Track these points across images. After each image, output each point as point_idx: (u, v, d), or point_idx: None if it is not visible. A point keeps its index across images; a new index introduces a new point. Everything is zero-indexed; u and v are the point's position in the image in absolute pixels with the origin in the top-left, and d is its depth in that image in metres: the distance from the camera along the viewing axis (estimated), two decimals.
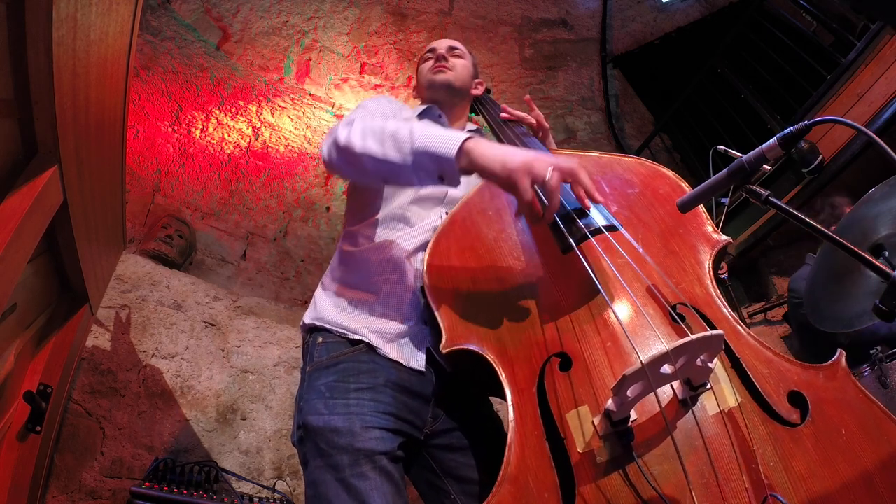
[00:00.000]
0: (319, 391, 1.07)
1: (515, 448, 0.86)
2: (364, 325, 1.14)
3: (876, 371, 1.94)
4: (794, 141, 0.88)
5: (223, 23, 4.29)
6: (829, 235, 0.82)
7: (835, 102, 3.34)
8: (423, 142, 1.00)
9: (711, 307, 0.96)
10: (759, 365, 0.89)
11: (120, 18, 1.38)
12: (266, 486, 2.60)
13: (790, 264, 3.71)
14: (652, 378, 0.78)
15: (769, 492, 0.74)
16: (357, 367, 1.09)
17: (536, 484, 0.82)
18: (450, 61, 1.51)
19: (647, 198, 1.16)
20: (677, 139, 4.97)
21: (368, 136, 1.08)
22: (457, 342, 0.99)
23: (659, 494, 0.76)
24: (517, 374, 0.94)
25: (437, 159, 0.98)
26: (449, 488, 1.10)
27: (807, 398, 0.84)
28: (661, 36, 5.21)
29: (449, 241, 1.15)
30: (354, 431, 0.99)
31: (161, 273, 3.17)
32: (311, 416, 1.04)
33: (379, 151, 1.05)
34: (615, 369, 0.88)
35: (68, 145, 1.20)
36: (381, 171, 1.07)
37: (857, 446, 0.78)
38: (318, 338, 1.16)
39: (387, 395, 1.07)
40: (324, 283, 1.28)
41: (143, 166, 3.75)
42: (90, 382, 2.56)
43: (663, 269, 1.01)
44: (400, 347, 1.13)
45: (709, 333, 0.79)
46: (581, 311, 0.98)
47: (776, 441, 0.80)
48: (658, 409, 0.83)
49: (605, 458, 0.82)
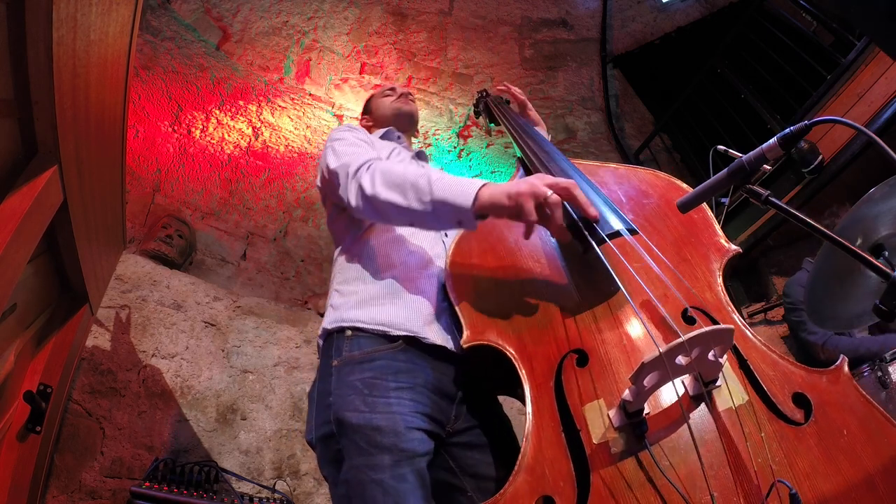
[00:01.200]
0: (355, 387, 1.05)
1: (532, 439, 0.90)
2: (401, 313, 1.16)
3: (876, 371, 1.95)
4: (794, 141, 0.89)
5: (223, 23, 4.29)
6: (829, 235, 0.83)
7: (835, 102, 3.33)
8: (441, 193, 1.07)
9: (721, 312, 1.01)
10: (765, 366, 0.93)
11: (120, 19, 1.38)
12: (266, 486, 2.60)
13: (790, 264, 3.71)
14: (669, 367, 0.82)
15: (776, 478, 0.78)
16: (395, 365, 1.09)
17: (552, 473, 0.86)
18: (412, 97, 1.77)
19: (662, 208, 1.23)
20: (677, 139, 4.97)
21: (391, 186, 1.14)
22: (478, 337, 1.04)
23: (670, 482, 0.79)
24: (535, 369, 0.98)
25: (456, 209, 1.05)
26: (466, 486, 1.11)
27: (810, 399, 0.87)
28: (661, 36, 5.21)
29: (470, 243, 1.22)
30: (399, 431, 0.99)
31: (161, 273, 3.17)
32: (348, 413, 1.01)
33: (403, 202, 1.11)
34: (631, 365, 0.92)
35: (68, 145, 1.20)
36: (404, 218, 1.14)
37: (858, 447, 0.81)
38: (347, 331, 1.14)
39: (425, 395, 1.08)
40: (338, 290, 1.27)
41: (143, 166, 3.75)
42: (90, 382, 2.56)
43: (675, 275, 1.05)
44: (437, 330, 1.16)
45: (721, 326, 0.84)
46: (598, 309, 1.03)
47: (781, 438, 0.84)
48: (670, 403, 0.88)
49: (620, 448, 0.86)
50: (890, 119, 2.89)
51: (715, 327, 0.83)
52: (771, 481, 0.78)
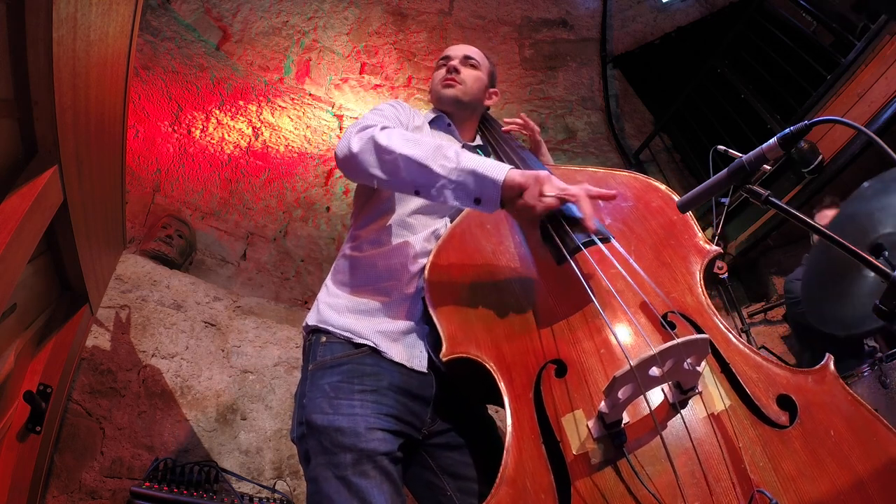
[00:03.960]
0: (323, 390, 1.09)
1: (513, 451, 0.89)
2: (369, 327, 1.17)
3: (876, 371, 1.94)
4: (794, 141, 0.88)
5: (223, 23, 4.29)
6: (829, 235, 0.83)
7: (835, 102, 3.33)
8: (469, 164, 1.05)
9: (702, 315, 1.00)
10: (748, 369, 0.92)
11: (120, 18, 1.38)
12: (266, 486, 2.60)
13: (790, 264, 3.70)
14: (641, 380, 0.81)
15: (756, 488, 0.77)
16: (361, 369, 1.12)
17: (533, 485, 0.85)
18: (461, 73, 1.50)
19: (640, 211, 1.21)
20: (677, 139, 4.97)
21: (413, 143, 1.11)
22: (456, 350, 1.03)
23: (649, 492, 0.79)
24: (514, 380, 0.98)
25: (483, 181, 1.03)
26: (446, 485, 1.13)
27: (795, 401, 0.87)
28: (661, 36, 5.20)
29: (448, 254, 1.20)
30: (358, 432, 1.02)
31: (161, 273, 3.17)
32: (315, 415, 1.06)
33: (422, 159, 1.08)
34: (608, 374, 0.91)
35: (68, 145, 1.20)
36: (415, 178, 1.10)
37: (845, 447, 0.81)
38: (322, 337, 1.18)
39: (389, 397, 1.10)
40: (327, 286, 1.31)
41: (143, 166, 3.75)
42: (90, 382, 2.56)
43: (655, 280, 1.05)
44: (404, 348, 1.16)
45: (694, 337, 0.83)
46: (575, 319, 1.02)
47: (765, 443, 0.83)
48: (649, 412, 0.86)
49: (599, 458, 0.85)
50: (890, 119, 2.89)
51: (687, 338, 0.82)
52: (752, 489, 0.77)
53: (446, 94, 1.48)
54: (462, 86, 1.49)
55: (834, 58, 3.42)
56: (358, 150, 1.16)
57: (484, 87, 1.55)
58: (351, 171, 1.20)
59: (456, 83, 1.48)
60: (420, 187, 1.10)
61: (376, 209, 1.32)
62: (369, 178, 1.17)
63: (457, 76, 1.49)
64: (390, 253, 1.24)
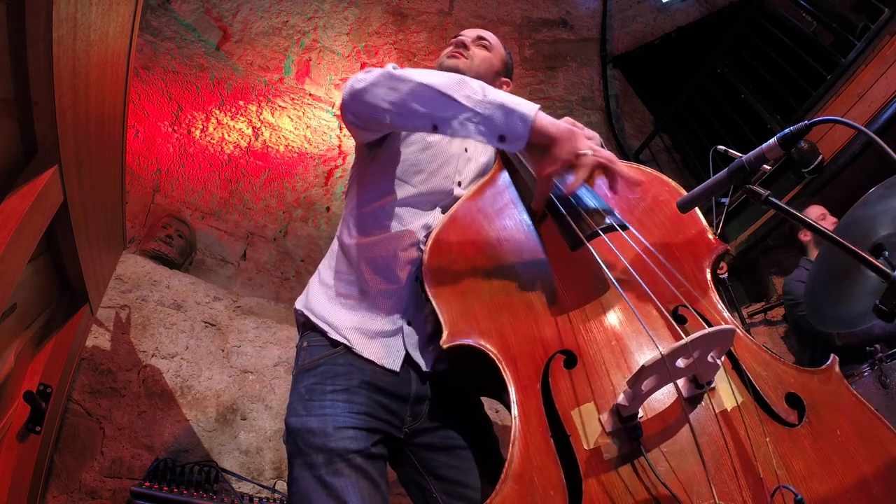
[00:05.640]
0: (300, 393, 1.11)
1: (519, 445, 0.85)
2: (346, 321, 1.16)
3: (876, 371, 1.95)
4: (794, 141, 0.88)
5: (223, 23, 4.29)
6: (829, 235, 0.83)
7: (835, 102, 3.34)
8: (497, 98, 0.99)
9: (713, 311, 0.99)
10: (757, 367, 0.91)
11: (120, 18, 1.38)
12: (266, 486, 2.60)
13: (790, 264, 3.70)
14: (671, 369, 0.79)
15: (781, 482, 0.76)
16: (334, 369, 1.12)
17: (541, 481, 0.82)
18: (470, 50, 1.40)
19: (648, 203, 1.18)
20: (677, 139, 4.97)
21: (430, 73, 1.04)
22: (458, 337, 0.98)
23: (667, 488, 0.76)
24: (520, 370, 0.93)
25: (512, 114, 0.97)
26: (431, 486, 1.12)
27: (803, 400, 0.86)
28: (661, 36, 5.20)
29: (449, 237, 1.13)
30: (328, 432, 1.03)
31: (161, 273, 3.17)
32: (291, 418, 1.08)
33: (443, 86, 1.00)
34: (621, 367, 0.89)
35: (68, 145, 1.20)
36: (434, 109, 1.01)
37: (851, 447, 0.81)
38: (304, 342, 1.19)
39: (361, 395, 1.09)
40: (319, 270, 1.30)
41: (143, 166, 3.75)
42: (90, 382, 2.56)
43: (666, 273, 1.01)
44: (379, 346, 1.14)
45: (723, 327, 0.81)
46: (587, 308, 0.98)
47: (777, 440, 0.82)
48: (664, 406, 0.84)
49: (613, 454, 0.82)
50: (890, 119, 2.89)
51: (718, 328, 0.80)
52: (773, 485, 0.76)
53: (447, 64, 1.37)
54: (467, 60, 1.38)
55: (834, 58, 3.42)
56: (369, 82, 1.07)
57: (493, 70, 1.43)
58: (359, 107, 1.10)
59: (461, 56, 1.38)
60: (439, 121, 1.01)
61: (370, 192, 1.25)
62: (379, 116, 1.07)
63: (464, 51, 1.39)
64: (377, 245, 1.20)
